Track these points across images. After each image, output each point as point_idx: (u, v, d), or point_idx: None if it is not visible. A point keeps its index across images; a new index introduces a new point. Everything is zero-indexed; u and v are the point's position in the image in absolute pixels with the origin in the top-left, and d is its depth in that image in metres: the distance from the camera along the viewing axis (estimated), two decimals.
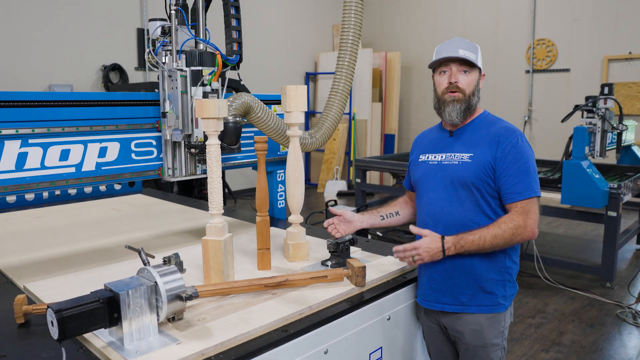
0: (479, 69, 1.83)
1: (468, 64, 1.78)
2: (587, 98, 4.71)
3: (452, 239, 1.69)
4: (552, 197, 4.62)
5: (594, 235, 5.94)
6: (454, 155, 1.80)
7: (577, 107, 4.66)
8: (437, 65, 1.84)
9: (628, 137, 5.26)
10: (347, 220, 2.00)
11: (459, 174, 1.76)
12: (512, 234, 1.67)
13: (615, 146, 4.85)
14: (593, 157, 4.60)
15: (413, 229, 1.74)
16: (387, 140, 9.43)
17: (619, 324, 3.72)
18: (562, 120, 4.63)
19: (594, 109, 4.56)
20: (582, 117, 4.68)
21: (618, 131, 4.64)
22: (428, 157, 1.88)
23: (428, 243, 1.69)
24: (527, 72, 8.43)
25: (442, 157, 1.84)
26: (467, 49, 1.78)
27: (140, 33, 7.05)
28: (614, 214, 4.27)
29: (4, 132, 1.77)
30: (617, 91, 7.33)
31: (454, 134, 1.86)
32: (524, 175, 1.70)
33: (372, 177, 8.89)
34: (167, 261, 1.51)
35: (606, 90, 4.59)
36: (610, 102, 4.56)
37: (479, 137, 1.80)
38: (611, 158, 5.11)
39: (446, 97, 1.80)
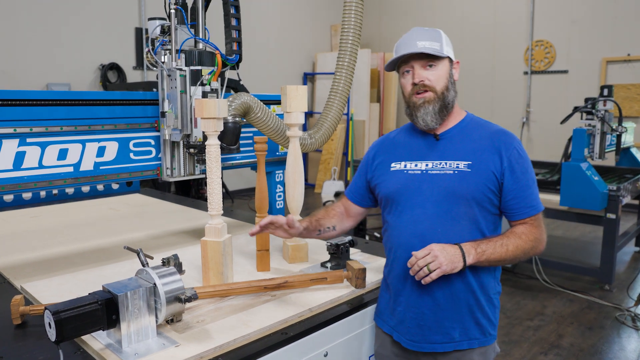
0: (449, 57, 1.57)
1: (432, 57, 1.53)
2: (586, 100, 4.71)
3: (469, 244, 1.44)
4: (551, 199, 4.62)
5: (592, 237, 5.94)
6: (447, 164, 1.53)
7: (576, 109, 4.66)
8: (399, 66, 1.60)
9: (627, 139, 5.26)
10: (284, 227, 1.64)
11: (456, 185, 1.50)
12: (532, 247, 1.51)
13: (614, 148, 4.86)
14: (592, 159, 4.60)
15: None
16: None
17: (618, 327, 3.71)
18: (562, 122, 4.63)
19: (593, 110, 4.57)
20: (582, 119, 4.69)
21: (617, 133, 4.64)
22: (406, 166, 1.60)
23: (442, 245, 1.42)
24: (526, 73, 8.43)
25: (427, 165, 1.56)
26: (427, 39, 1.52)
27: (139, 32, 7.02)
28: (613, 216, 4.27)
29: (2, 130, 1.75)
30: (615, 93, 7.34)
31: (442, 137, 1.60)
32: (533, 186, 1.54)
33: None
34: (166, 262, 1.50)
35: (606, 92, 4.59)
36: (610, 104, 4.57)
37: (474, 141, 1.56)
38: (610, 160, 5.12)
39: (414, 100, 1.55)
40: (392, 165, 1.64)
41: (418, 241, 1.50)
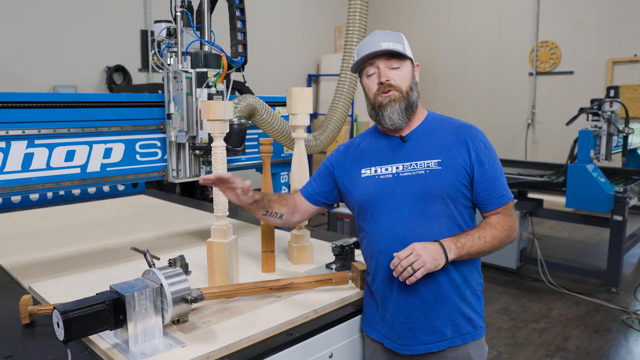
0: (411, 59, 1.60)
1: (396, 57, 1.56)
2: (592, 101, 4.70)
3: (448, 239, 1.46)
4: (557, 201, 4.61)
5: (598, 239, 5.91)
6: (417, 164, 1.54)
7: (582, 110, 4.65)
8: (362, 67, 1.61)
9: (634, 141, 5.24)
10: (237, 192, 1.54)
11: (430, 184, 1.51)
12: (507, 236, 1.54)
13: (620, 149, 4.84)
14: (598, 161, 4.58)
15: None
16: None
17: (625, 330, 3.69)
18: (567, 123, 4.62)
19: (600, 111, 4.55)
20: (588, 120, 4.67)
21: (624, 134, 4.62)
22: (376, 171, 1.59)
23: (424, 243, 1.43)
24: (531, 74, 8.41)
25: (398, 168, 1.56)
26: (390, 40, 1.55)
27: (144, 34, 7.06)
28: (619, 218, 4.25)
29: (11, 132, 1.78)
30: (622, 94, 7.30)
31: (408, 138, 1.60)
32: (501, 176, 1.57)
33: None
34: (172, 263, 1.51)
35: (612, 92, 4.57)
36: (616, 105, 4.55)
37: (440, 138, 1.57)
38: (616, 161, 5.09)
39: (380, 100, 1.56)
40: (362, 171, 1.62)
41: (399, 244, 1.48)
